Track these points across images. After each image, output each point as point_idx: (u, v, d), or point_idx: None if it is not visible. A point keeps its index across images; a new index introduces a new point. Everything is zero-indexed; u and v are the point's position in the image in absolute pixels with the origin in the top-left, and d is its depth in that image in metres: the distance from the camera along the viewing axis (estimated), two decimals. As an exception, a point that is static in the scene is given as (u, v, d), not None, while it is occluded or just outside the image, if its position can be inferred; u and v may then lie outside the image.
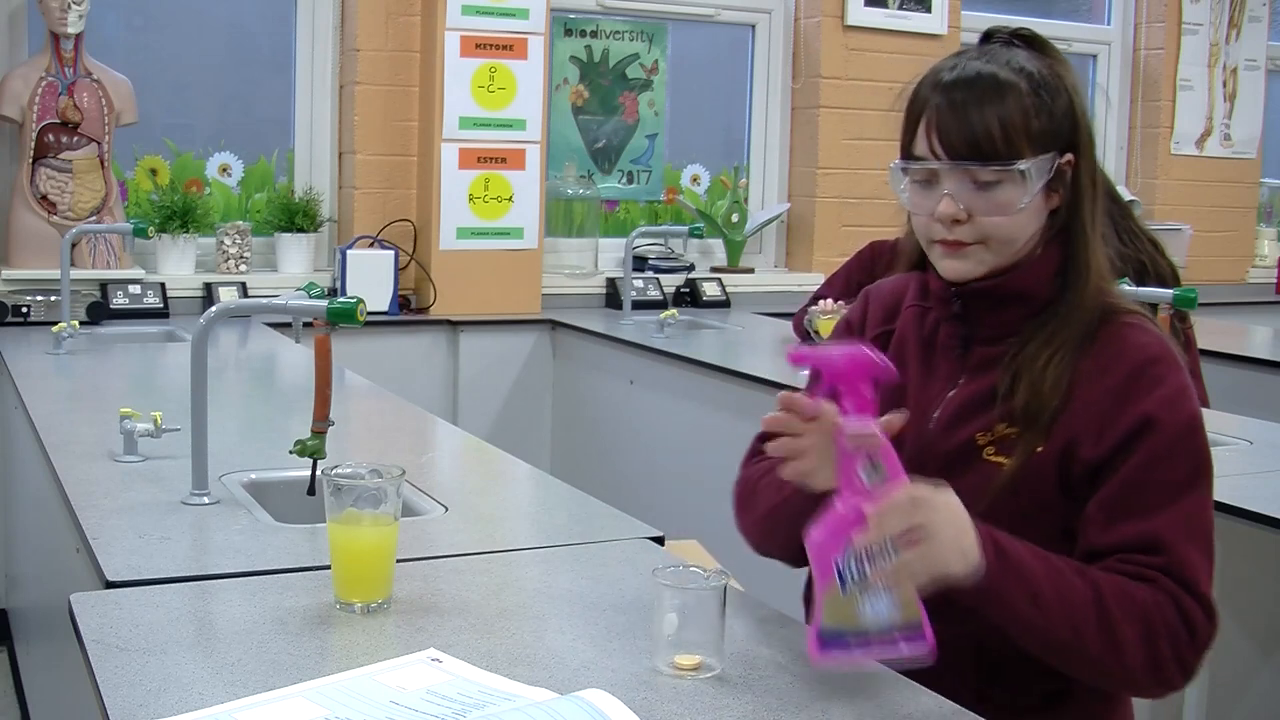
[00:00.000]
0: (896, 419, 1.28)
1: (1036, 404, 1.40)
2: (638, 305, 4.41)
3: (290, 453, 1.78)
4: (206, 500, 1.88)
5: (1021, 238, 1.44)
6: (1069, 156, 1.43)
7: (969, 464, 1.43)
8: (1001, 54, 1.44)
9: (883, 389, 1.32)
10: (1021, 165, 1.39)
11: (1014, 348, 1.44)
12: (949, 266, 1.46)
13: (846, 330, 1.67)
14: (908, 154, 1.46)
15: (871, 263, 3.77)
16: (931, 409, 1.49)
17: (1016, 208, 1.41)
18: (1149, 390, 1.38)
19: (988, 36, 1.50)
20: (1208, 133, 5.72)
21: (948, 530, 1.25)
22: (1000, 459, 1.42)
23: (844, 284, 3.79)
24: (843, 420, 1.25)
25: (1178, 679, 1.34)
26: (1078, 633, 1.29)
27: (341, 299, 1.71)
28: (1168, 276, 3.12)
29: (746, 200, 5.02)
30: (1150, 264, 3.21)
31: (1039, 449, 1.40)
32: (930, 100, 1.43)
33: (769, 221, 4.97)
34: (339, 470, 1.48)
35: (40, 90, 3.78)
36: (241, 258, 4.14)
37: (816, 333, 3.49)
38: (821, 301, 3.58)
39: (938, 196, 1.42)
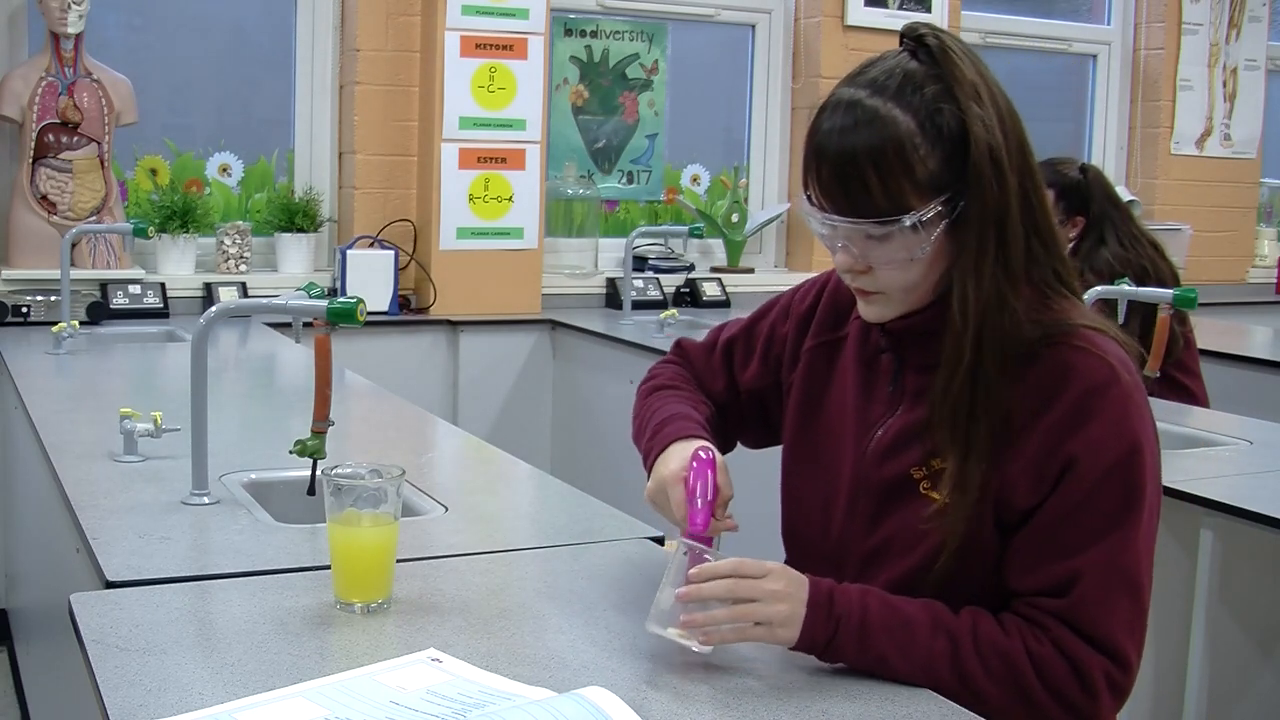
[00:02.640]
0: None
1: (959, 445, 1.33)
2: (638, 305, 4.41)
3: (290, 453, 1.78)
4: (206, 500, 1.88)
5: (926, 283, 1.36)
6: (966, 188, 1.30)
7: (904, 498, 1.40)
8: (894, 82, 1.32)
9: (824, 409, 1.49)
10: (908, 220, 1.29)
11: (938, 382, 1.36)
12: (864, 310, 1.42)
13: (784, 313, 1.63)
14: (809, 197, 1.38)
15: None
16: (870, 433, 1.45)
17: (910, 259, 1.32)
18: (1080, 427, 1.30)
19: (903, 36, 1.40)
20: (1208, 133, 5.72)
21: (773, 607, 1.30)
22: (935, 494, 1.37)
23: None
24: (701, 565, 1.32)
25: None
26: (939, 688, 1.29)
27: (341, 299, 1.71)
28: (1168, 280, 3.12)
29: (746, 200, 5.02)
30: (1151, 268, 3.21)
31: (975, 494, 1.32)
32: (817, 144, 1.34)
33: (769, 221, 4.97)
34: (339, 470, 1.47)
35: (40, 90, 3.78)
36: (241, 258, 4.14)
37: None
38: None
39: (836, 249, 1.37)
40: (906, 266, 1.34)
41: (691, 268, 4.80)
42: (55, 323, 3.35)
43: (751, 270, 4.94)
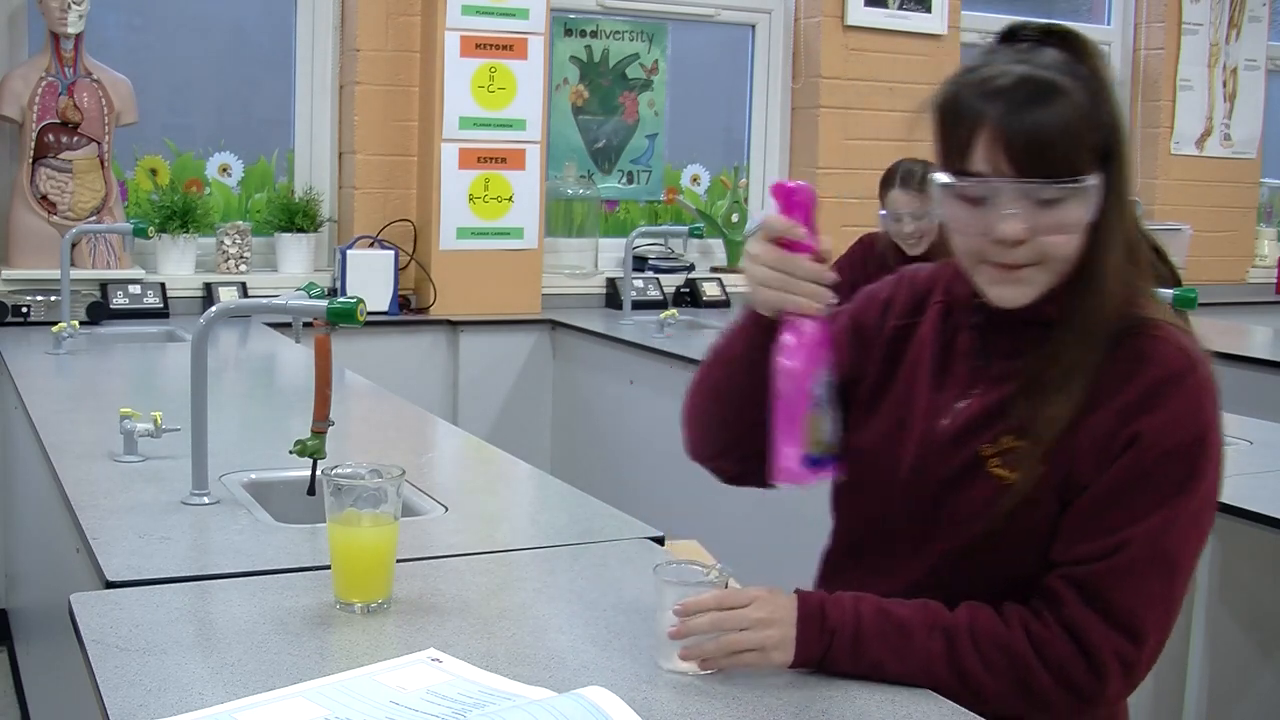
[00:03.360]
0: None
1: (1050, 421, 1.33)
2: (638, 305, 4.41)
3: (290, 453, 1.78)
4: (206, 500, 1.88)
5: (1073, 254, 1.35)
6: (1113, 167, 1.33)
7: (973, 477, 1.39)
8: (1041, 56, 1.33)
9: (892, 391, 1.48)
10: (1090, 181, 1.30)
11: (1032, 364, 1.37)
12: (1001, 294, 1.37)
13: (868, 302, 1.58)
14: (958, 169, 1.33)
15: (864, 259, 3.77)
16: (941, 417, 1.44)
17: (1080, 224, 1.32)
18: (1151, 409, 1.31)
19: (1012, 34, 1.39)
20: (1208, 133, 5.72)
21: (756, 635, 1.30)
22: (1004, 472, 1.36)
23: (835, 281, 3.77)
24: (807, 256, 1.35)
25: (1080, 705, 1.31)
26: (939, 688, 1.30)
27: (341, 299, 1.71)
28: (1168, 282, 3.11)
29: (746, 200, 5.02)
30: (1151, 269, 3.20)
31: (1043, 467, 1.33)
32: (984, 111, 1.30)
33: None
34: (339, 470, 1.47)
35: (40, 90, 3.78)
36: (241, 258, 4.14)
37: None
38: None
39: (992, 215, 1.31)
40: (1073, 234, 1.33)
41: (691, 268, 4.80)
42: (55, 323, 3.35)
43: (751, 270, 4.93)
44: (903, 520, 1.44)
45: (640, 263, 4.67)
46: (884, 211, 3.61)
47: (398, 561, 1.50)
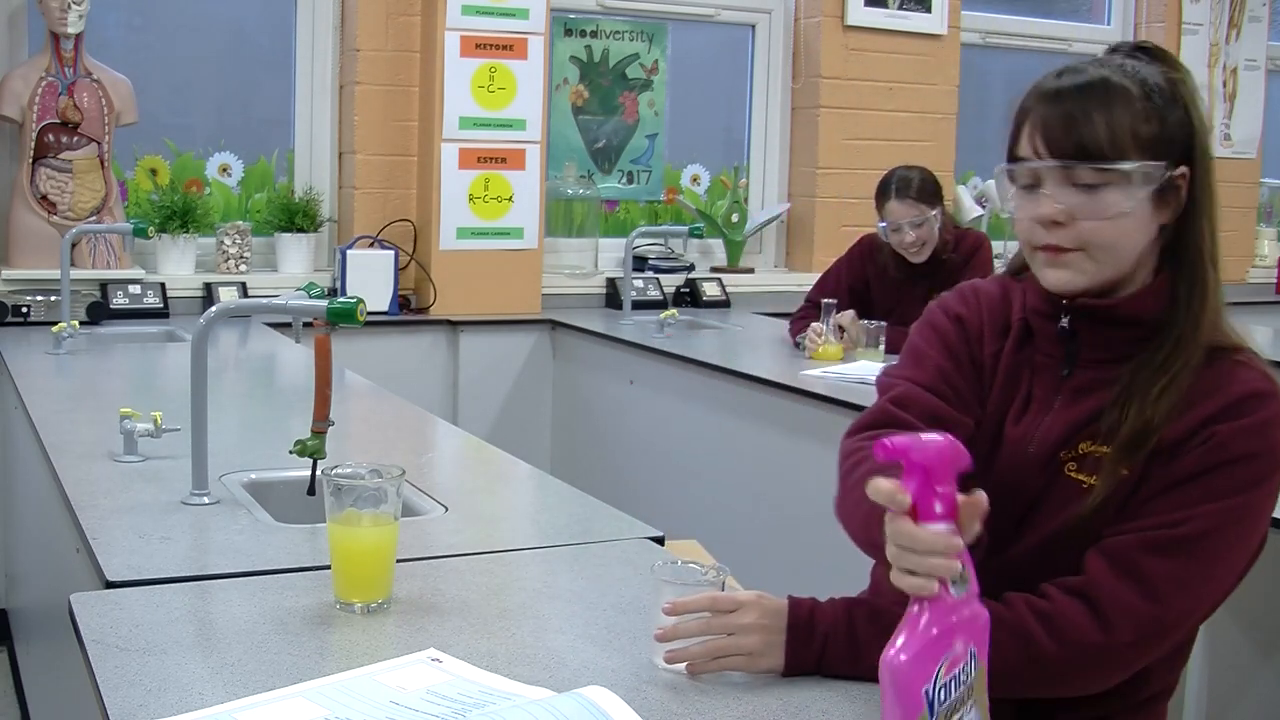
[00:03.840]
0: (982, 500, 1.14)
1: (1144, 432, 1.34)
2: (638, 305, 4.41)
3: (290, 453, 1.78)
4: (206, 500, 1.88)
5: (1125, 247, 1.37)
6: (1182, 170, 1.36)
7: (1051, 480, 1.40)
8: (1116, 61, 1.39)
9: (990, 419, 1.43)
10: (1125, 166, 1.33)
11: (1126, 374, 1.38)
12: (1050, 276, 1.40)
13: (958, 331, 1.53)
14: (1010, 157, 1.40)
15: (863, 260, 3.77)
16: (1028, 444, 1.43)
17: (1118, 211, 1.34)
18: (1232, 418, 1.32)
19: (1113, 50, 1.45)
20: (1208, 133, 5.72)
21: (748, 640, 1.31)
22: (1081, 477, 1.37)
23: (836, 283, 3.78)
24: (928, 526, 1.06)
25: (1090, 663, 1.31)
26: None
27: (341, 299, 1.71)
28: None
29: (746, 200, 5.02)
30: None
31: (1125, 472, 1.34)
32: (1036, 104, 1.38)
33: (769, 221, 4.97)
34: (339, 470, 1.47)
35: (40, 90, 3.78)
36: (241, 258, 4.14)
37: (811, 356, 3.48)
38: (813, 325, 3.55)
39: (1038, 199, 1.37)
40: (1111, 219, 1.35)
41: (691, 268, 4.80)
42: (55, 323, 3.35)
43: (751, 270, 4.94)
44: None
45: (640, 263, 4.67)
46: (883, 223, 3.60)
47: (398, 561, 1.50)
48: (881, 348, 3.40)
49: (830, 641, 1.32)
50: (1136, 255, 1.38)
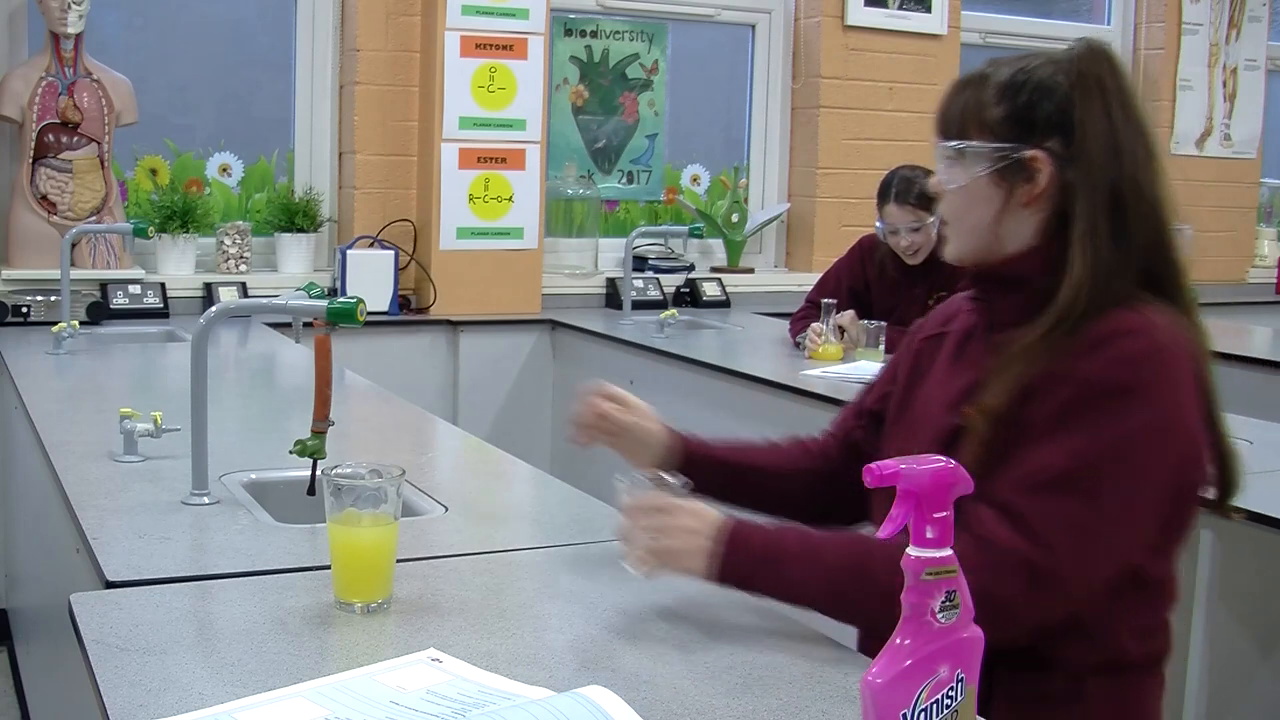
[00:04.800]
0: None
1: (1000, 384, 1.40)
2: (638, 305, 4.41)
3: (290, 453, 1.77)
4: (206, 500, 1.88)
5: (970, 219, 1.49)
6: (1034, 153, 1.44)
7: (952, 441, 1.44)
8: (1040, 53, 1.50)
9: (917, 398, 1.54)
10: (955, 145, 1.48)
11: (1003, 339, 1.46)
12: (945, 249, 1.56)
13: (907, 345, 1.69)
14: None
15: (862, 261, 3.77)
16: (933, 394, 1.55)
17: (956, 185, 1.49)
18: (1096, 353, 1.37)
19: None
20: (1208, 133, 5.72)
21: (679, 540, 1.43)
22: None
23: (835, 284, 3.78)
24: (919, 551, 1.03)
25: (991, 614, 1.28)
26: (851, 604, 1.39)
27: (341, 299, 1.71)
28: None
29: (746, 200, 5.02)
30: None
31: (988, 423, 1.41)
32: None
33: (769, 221, 4.97)
34: (339, 470, 1.47)
35: (40, 90, 3.78)
36: (241, 258, 4.14)
37: (811, 356, 3.49)
38: (813, 325, 3.55)
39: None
40: (946, 191, 1.50)
41: (691, 268, 4.80)
42: (55, 323, 3.35)
43: (751, 270, 4.94)
44: None
45: (640, 263, 4.67)
46: (880, 224, 3.61)
47: (398, 561, 1.50)
48: (881, 348, 3.40)
49: (758, 558, 1.41)
50: (988, 226, 1.48)
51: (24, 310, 3.72)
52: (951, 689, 1.05)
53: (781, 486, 1.71)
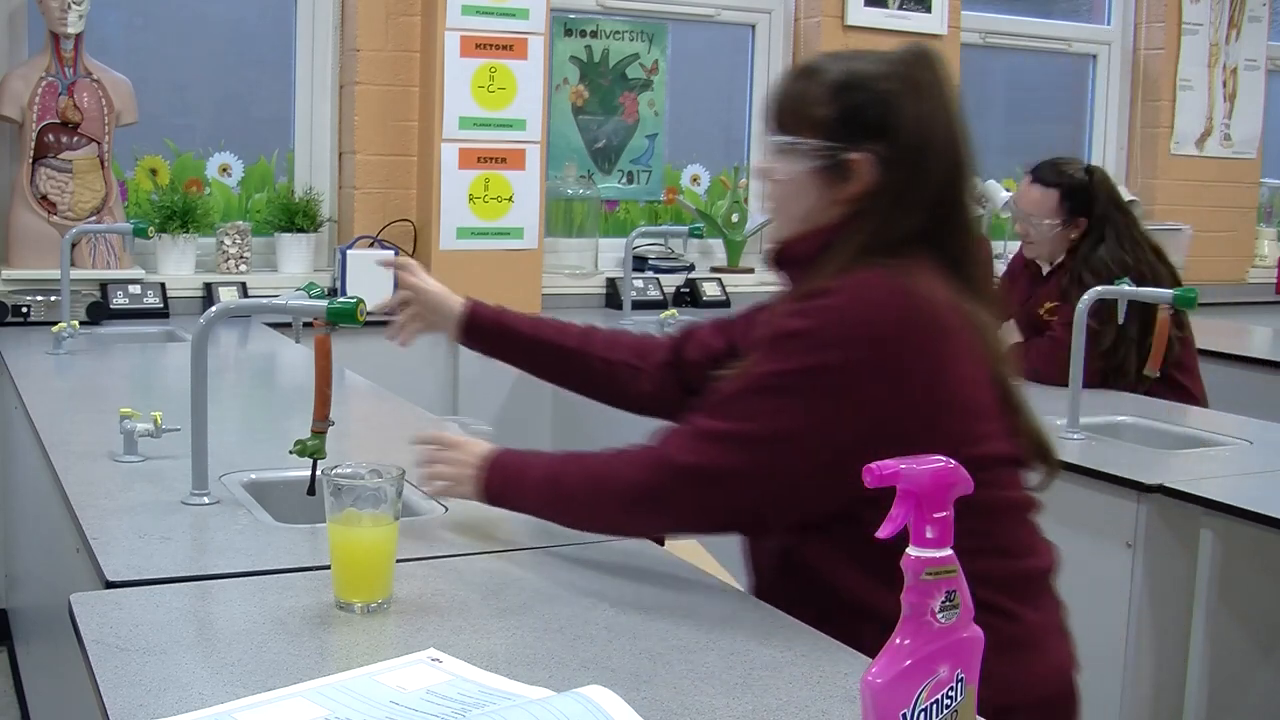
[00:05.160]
0: None
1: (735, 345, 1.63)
2: (638, 305, 4.41)
3: (290, 453, 1.78)
4: (206, 500, 1.88)
5: (789, 210, 1.60)
6: (857, 156, 1.51)
7: None
8: (873, 54, 1.57)
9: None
10: (784, 140, 1.58)
11: None
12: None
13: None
14: None
15: None
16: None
17: (776, 176, 1.60)
18: (789, 304, 1.52)
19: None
20: (1208, 133, 5.72)
21: (454, 468, 1.70)
22: None
23: None
24: (919, 551, 1.03)
25: (650, 464, 1.53)
26: (575, 513, 1.63)
27: (341, 299, 1.71)
28: (1167, 284, 3.13)
29: (746, 200, 5.02)
30: (1150, 271, 3.21)
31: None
32: None
33: (769, 222, 4.96)
34: (339, 470, 1.48)
35: (40, 90, 3.78)
36: (241, 258, 4.14)
37: None
38: None
39: None
40: (781, 185, 1.60)
41: (691, 268, 4.80)
42: (55, 323, 3.35)
43: (751, 270, 4.94)
44: None
45: (640, 263, 4.67)
46: None
47: (398, 561, 1.50)
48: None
49: (509, 479, 1.64)
50: (806, 215, 1.58)
51: (24, 310, 3.72)
52: (951, 689, 1.05)
53: (583, 366, 1.96)
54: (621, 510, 1.57)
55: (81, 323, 3.61)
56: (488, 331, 2.00)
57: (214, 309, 1.91)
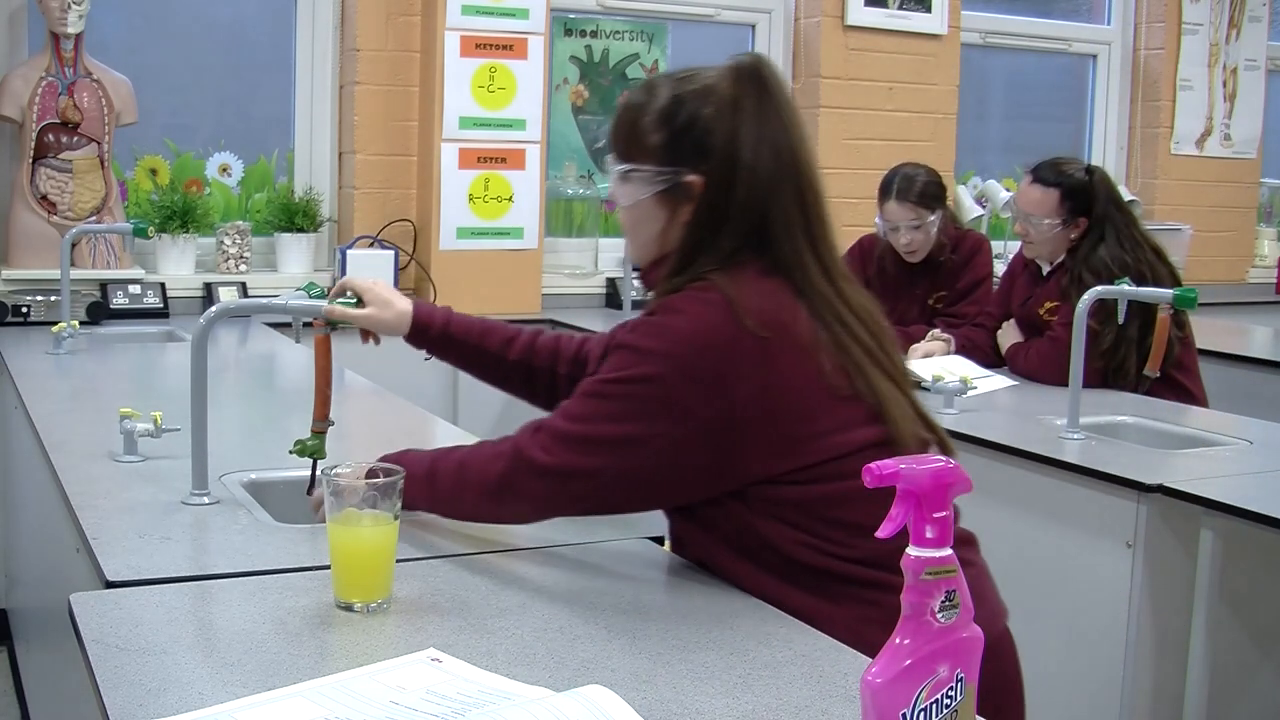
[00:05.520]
0: None
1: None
2: (638, 305, 4.40)
3: (290, 453, 1.78)
4: (206, 500, 1.88)
5: (640, 235, 1.63)
6: (691, 178, 1.56)
7: None
8: (702, 74, 1.60)
9: None
10: (621, 168, 1.62)
11: None
12: None
13: None
14: None
15: (862, 260, 3.77)
16: None
17: (621, 203, 1.64)
18: (632, 322, 1.58)
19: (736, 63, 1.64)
20: (1208, 133, 5.72)
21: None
22: None
23: None
24: (919, 550, 1.03)
25: (506, 500, 1.62)
26: (447, 504, 1.69)
27: (341, 299, 1.71)
28: (1166, 284, 3.13)
29: (746, 200, 5.02)
30: (1150, 271, 3.21)
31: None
32: None
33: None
34: (339, 470, 1.47)
35: (40, 90, 3.78)
36: (241, 258, 4.14)
37: None
38: None
39: None
40: (627, 211, 1.64)
41: (691, 268, 4.79)
42: (55, 323, 3.35)
43: (751, 270, 4.93)
44: None
45: (640, 263, 4.66)
46: (880, 221, 3.62)
47: (398, 561, 1.51)
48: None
49: (417, 481, 1.64)
50: (657, 239, 1.62)
51: (24, 310, 3.72)
52: (951, 689, 1.05)
53: (514, 373, 2.04)
54: (483, 499, 1.64)
55: (81, 323, 3.61)
56: (434, 338, 2.02)
57: (214, 309, 1.91)
